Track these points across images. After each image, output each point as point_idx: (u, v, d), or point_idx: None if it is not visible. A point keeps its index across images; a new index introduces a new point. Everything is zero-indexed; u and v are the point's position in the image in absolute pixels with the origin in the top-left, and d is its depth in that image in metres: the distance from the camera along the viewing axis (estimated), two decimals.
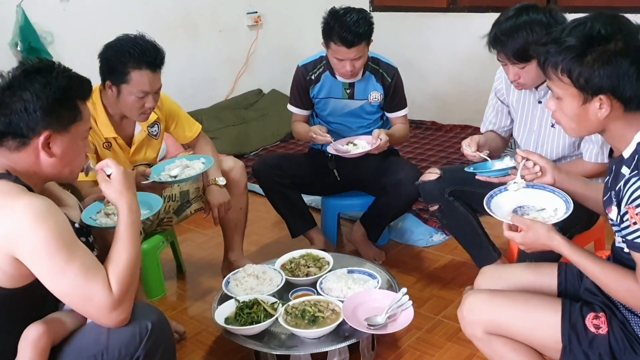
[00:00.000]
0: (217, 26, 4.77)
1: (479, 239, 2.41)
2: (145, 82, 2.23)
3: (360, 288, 2.12)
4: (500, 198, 1.79)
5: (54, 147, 1.48)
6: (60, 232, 1.37)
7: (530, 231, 1.56)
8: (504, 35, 2.03)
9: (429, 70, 4.79)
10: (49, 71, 1.48)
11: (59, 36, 3.75)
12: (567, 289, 1.74)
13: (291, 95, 2.91)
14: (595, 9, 3.37)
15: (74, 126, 1.51)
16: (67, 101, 1.49)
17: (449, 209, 2.35)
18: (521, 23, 2.01)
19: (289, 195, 2.79)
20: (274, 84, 5.13)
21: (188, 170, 2.30)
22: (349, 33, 2.51)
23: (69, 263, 1.36)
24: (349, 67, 2.60)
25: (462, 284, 2.60)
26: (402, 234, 3.09)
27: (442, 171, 2.37)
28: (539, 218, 1.66)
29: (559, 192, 1.71)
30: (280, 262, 2.38)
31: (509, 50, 2.02)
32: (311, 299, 2.08)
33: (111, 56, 2.23)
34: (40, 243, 1.35)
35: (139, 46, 2.21)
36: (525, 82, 2.11)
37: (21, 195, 1.39)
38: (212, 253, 3.09)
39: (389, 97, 2.79)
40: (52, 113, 1.45)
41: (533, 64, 2.02)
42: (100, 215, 1.80)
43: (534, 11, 2.03)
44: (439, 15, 4.63)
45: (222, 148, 4.24)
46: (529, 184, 1.77)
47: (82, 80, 1.55)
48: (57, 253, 1.35)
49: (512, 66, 2.06)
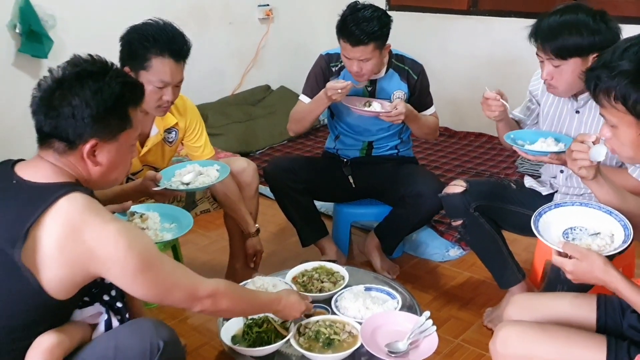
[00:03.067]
0: (228, 18, 4.59)
1: (503, 258, 2.25)
2: (166, 72, 2.06)
3: (379, 309, 1.96)
4: (550, 216, 1.63)
5: (100, 155, 1.42)
6: (147, 248, 1.39)
7: (585, 261, 1.41)
8: (547, 28, 1.93)
9: (445, 74, 4.62)
10: (102, 74, 1.40)
11: (62, 20, 3.54)
12: (608, 323, 1.59)
13: (306, 84, 2.69)
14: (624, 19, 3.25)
15: (122, 134, 1.44)
16: (118, 110, 1.41)
17: (474, 225, 2.19)
18: (568, 20, 1.91)
19: (301, 201, 2.63)
20: (283, 81, 4.96)
21: (202, 177, 2.13)
22: (357, 28, 2.33)
23: (161, 271, 1.41)
24: (355, 67, 2.42)
25: (482, 305, 2.45)
26: (417, 247, 2.93)
27: (468, 184, 2.21)
28: (593, 246, 1.51)
29: (616, 215, 1.56)
30: (291, 274, 2.21)
31: (548, 45, 1.92)
32: (326, 319, 1.92)
33: (134, 39, 2.07)
34: (133, 263, 1.35)
35: (166, 33, 2.06)
36: (557, 85, 1.98)
37: (112, 219, 1.38)
38: (216, 258, 2.93)
39: (415, 96, 2.61)
40: (101, 122, 1.39)
41: (569, 64, 1.91)
42: None
43: (584, 12, 1.92)
44: (459, 17, 4.47)
45: (228, 145, 4.09)
46: (583, 202, 1.63)
47: (135, 85, 1.49)
48: (148, 267, 1.38)
49: (548, 63, 1.95)
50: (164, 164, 2.43)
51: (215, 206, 3.31)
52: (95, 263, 1.33)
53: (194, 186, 2.09)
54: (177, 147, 2.43)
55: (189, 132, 2.40)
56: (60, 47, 3.47)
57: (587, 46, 1.89)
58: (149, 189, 2.02)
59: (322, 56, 2.67)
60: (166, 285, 1.42)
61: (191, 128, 2.40)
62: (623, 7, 3.74)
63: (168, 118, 2.31)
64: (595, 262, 1.41)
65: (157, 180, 2.03)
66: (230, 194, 2.41)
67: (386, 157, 2.73)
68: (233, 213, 2.46)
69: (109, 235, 1.33)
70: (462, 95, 4.59)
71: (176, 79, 2.11)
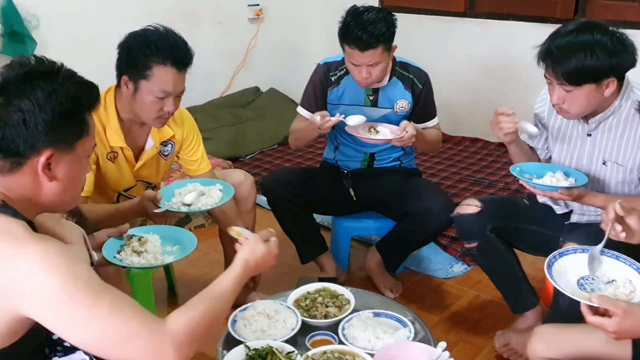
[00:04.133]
0: (217, 18, 4.45)
1: (517, 281, 2.15)
2: (168, 81, 1.93)
3: (391, 338, 1.83)
4: (564, 263, 1.53)
5: (56, 168, 1.21)
6: (76, 273, 1.11)
7: (628, 317, 1.28)
8: (559, 50, 1.77)
9: (441, 78, 4.48)
10: (54, 75, 1.19)
11: (46, 20, 3.37)
12: None
13: (304, 96, 2.58)
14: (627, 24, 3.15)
15: (80, 143, 1.24)
16: (76, 114, 1.21)
17: (489, 248, 2.08)
18: (582, 42, 1.75)
19: (301, 216, 2.50)
20: (273, 83, 4.83)
21: (205, 199, 1.98)
22: (364, 33, 2.21)
23: (95, 306, 1.11)
24: (364, 73, 2.30)
25: (492, 327, 2.35)
26: (419, 262, 2.82)
27: (483, 203, 2.09)
28: (619, 295, 1.41)
29: (625, 259, 1.49)
30: (293, 297, 2.08)
31: (560, 69, 1.77)
32: (334, 349, 1.79)
33: (134, 46, 1.92)
34: (55, 292, 1.09)
35: (168, 40, 1.92)
36: (569, 109, 1.85)
37: (29, 241, 1.12)
38: (208, 273, 2.78)
39: (420, 106, 2.50)
40: (57, 128, 1.18)
41: (583, 89, 1.77)
42: (127, 254, 1.59)
43: (600, 31, 1.76)
44: (456, 20, 4.37)
45: (217, 150, 3.94)
46: (585, 248, 1.55)
47: (91, 87, 1.27)
48: (78, 297, 1.10)
49: (559, 87, 1.81)
50: (158, 178, 2.29)
51: (210, 221, 3.17)
52: (17, 299, 1.10)
53: (196, 207, 1.95)
54: (172, 161, 2.29)
55: (186, 144, 2.26)
56: (44, 49, 3.30)
57: (604, 70, 1.76)
58: (149, 210, 1.88)
59: (320, 66, 2.54)
60: (115, 329, 1.11)
61: (188, 140, 2.25)
62: (626, 11, 3.66)
63: (165, 130, 2.17)
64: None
65: (157, 201, 1.88)
66: (227, 211, 2.28)
67: (389, 169, 2.61)
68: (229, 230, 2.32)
69: (24, 259, 1.09)
70: (458, 99, 4.49)
71: (178, 89, 1.98)
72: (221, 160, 3.71)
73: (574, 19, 3.81)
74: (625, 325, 1.29)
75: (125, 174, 2.12)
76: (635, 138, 1.88)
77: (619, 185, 1.96)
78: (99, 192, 2.12)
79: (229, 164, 3.72)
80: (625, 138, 1.90)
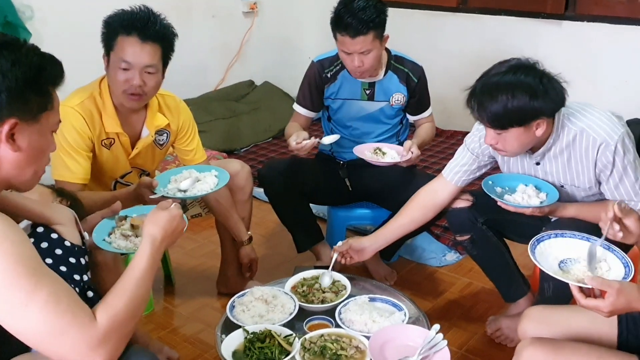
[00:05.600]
0: (211, 11, 4.45)
1: (509, 271, 2.20)
2: (128, 51, 1.95)
3: (387, 322, 1.87)
4: (546, 246, 1.59)
5: (20, 139, 1.19)
6: (19, 257, 1.09)
7: (621, 295, 1.32)
8: (483, 92, 1.76)
9: (433, 72, 4.48)
10: (17, 47, 1.20)
11: (40, 11, 3.36)
12: (629, 340, 1.53)
13: (300, 94, 2.62)
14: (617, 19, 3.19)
15: (44, 115, 1.22)
16: (40, 84, 1.21)
17: (482, 241, 2.13)
18: (505, 83, 1.72)
19: (297, 206, 2.53)
20: (267, 76, 4.85)
21: (200, 184, 2.00)
22: (354, 19, 2.26)
23: (34, 293, 1.08)
24: (357, 61, 2.33)
25: (484, 313, 2.40)
26: (413, 251, 2.86)
27: (475, 197, 2.13)
28: (597, 274, 1.47)
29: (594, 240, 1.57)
30: (290, 283, 2.11)
31: (484, 112, 1.75)
32: (331, 333, 1.83)
33: (107, 21, 2.01)
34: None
35: (138, 14, 1.97)
36: (504, 149, 1.85)
37: None
38: (205, 263, 2.81)
39: (415, 100, 2.55)
40: (21, 97, 1.17)
41: (511, 132, 1.76)
42: (116, 236, 1.55)
43: (527, 72, 1.73)
44: (448, 15, 4.40)
45: (211, 143, 3.96)
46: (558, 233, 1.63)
47: (55, 61, 1.26)
48: (17, 283, 1.07)
49: (489, 129, 1.80)
50: (153, 166, 2.31)
51: (206, 210, 3.19)
52: None
53: (191, 194, 1.97)
54: (167, 150, 2.31)
55: (181, 134, 2.28)
56: (38, 40, 3.28)
57: (528, 114, 1.73)
58: (145, 197, 1.90)
59: (313, 63, 2.57)
60: (48, 321, 1.08)
61: (183, 130, 2.28)
62: (615, 7, 3.71)
63: (159, 118, 2.19)
64: (632, 293, 1.33)
65: (153, 187, 1.90)
66: (222, 200, 2.31)
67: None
68: (225, 220, 2.36)
69: None
70: (450, 93, 4.49)
71: (140, 60, 1.97)
72: (216, 152, 3.73)
73: (565, 14, 3.86)
74: (618, 305, 1.33)
75: (121, 161, 2.14)
76: (582, 161, 1.87)
77: (584, 200, 1.98)
78: (95, 180, 2.14)
79: (224, 155, 3.74)
80: (572, 162, 1.90)
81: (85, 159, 2.02)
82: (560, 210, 1.92)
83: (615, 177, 1.85)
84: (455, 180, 2.12)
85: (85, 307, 1.14)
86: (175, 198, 1.94)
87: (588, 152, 1.85)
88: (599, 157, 1.83)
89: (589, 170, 1.88)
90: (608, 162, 1.82)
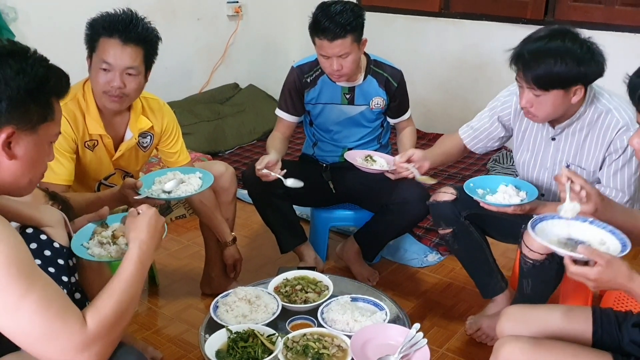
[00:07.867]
0: (196, 14, 4.47)
1: (489, 267, 2.24)
2: (109, 52, 1.97)
3: (368, 321, 1.91)
4: (547, 225, 1.61)
5: (16, 147, 1.21)
6: (13, 259, 1.10)
7: (609, 267, 1.36)
8: (530, 55, 1.84)
9: (415, 76, 4.60)
10: (25, 56, 1.21)
11: (24, 12, 3.37)
12: (604, 338, 1.57)
13: (281, 99, 2.66)
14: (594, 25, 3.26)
15: (43, 126, 1.24)
16: (41, 95, 1.22)
17: (464, 234, 2.17)
18: (553, 48, 1.82)
19: (280, 206, 2.55)
20: (252, 79, 4.88)
21: (184, 186, 2.01)
22: (331, 23, 2.30)
23: (25, 297, 1.09)
24: (335, 65, 2.37)
25: (464, 312, 2.44)
26: (395, 252, 2.90)
27: (458, 191, 2.18)
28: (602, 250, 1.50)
29: (598, 224, 1.59)
30: (273, 284, 2.14)
31: (530, 73, 1.84)
32: (313, 332, 1.86)
33: (90, 23, 2.04)
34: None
35: (120, 16, 1.99)
36: (537, 113, 1.92)
37: None
38: (189, 264, 2.83)
39: (396, 103, 2.59)
40: (21, 106, 1.18)
41: (551, 95, 1.85)
42: (94, 242, 1.52)
43: (571, 39, 1.83)
44: (430, 19, 4.45)
45: (196, 145, 3.98)
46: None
47: (61, 74, 1.28)
48: (9, 286, 1.09)
49: (528, 91, 1.88)
50: (137, 168, 2.33)
51: (190, 212, 3.21)
52: None
53: (175, 195, 1.98)
54: (151, 153, 2.32)
55: (165, 136, 2.30)
56: (22, 41, 3.21)
57: (572, 78, 1.83)
58: (129, 198, 1.91)
59: (293, 69, 2.60)
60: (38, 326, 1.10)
61: (167, 133, 2.29)
62: (593, 13, 3.78)
63: (143, 121, 2.20)
64: (621, 268, 1.36)
65: (137, 188, 1.92)
66: (206, 201, 2.33)
67: None
68: (209, 221, 2.38)
69: None
70: (432, 97, 4.59)
71: (120, 62, 1.99)
72: (200, 155, 3.75)
73: (544, 19, 3.93)
74: (605, 276, 1.36)
75: (105, 163, 2.15)
76: (597, 141, 1.97)
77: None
78: (79, 182, 2.15)
79: (208, 157, 3.75)
80: (587, 142, 1.99)
81: (69, 161, 2.03)
82: (541, 207, 1.98)
83: (618, 163, 1.94)
84: (464, 136, 2.29)
85: (75, 311, 1.15)
86: (160, 199, 1.96)
87: (607, 133, 1.94)
88: (615, 139, 1.93)
89: (601, 152, 1.97)
90: (621, 147, 1.92)
